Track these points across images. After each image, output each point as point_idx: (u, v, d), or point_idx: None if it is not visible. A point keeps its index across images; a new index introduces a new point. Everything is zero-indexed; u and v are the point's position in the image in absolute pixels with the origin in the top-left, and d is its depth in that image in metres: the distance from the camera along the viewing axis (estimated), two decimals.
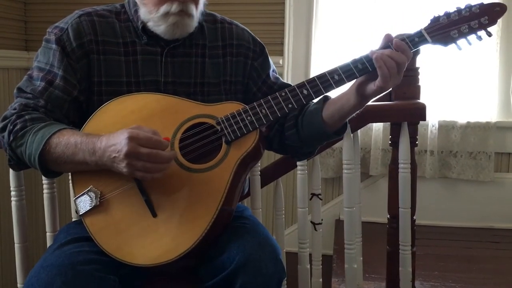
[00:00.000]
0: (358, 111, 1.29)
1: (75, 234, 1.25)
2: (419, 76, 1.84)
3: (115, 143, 1.13)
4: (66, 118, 1.28)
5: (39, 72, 1.28)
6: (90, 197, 1.21)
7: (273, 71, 1.46)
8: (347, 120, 1.31)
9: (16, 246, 1.55)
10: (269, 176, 1.88)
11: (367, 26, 2.94)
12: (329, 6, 3.00)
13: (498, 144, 2.97)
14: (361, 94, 1.24)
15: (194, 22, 1.32)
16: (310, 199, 1.82)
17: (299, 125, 1.35)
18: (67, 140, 1.17)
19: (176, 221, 1.19)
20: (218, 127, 1.25)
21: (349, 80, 1.24)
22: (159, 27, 1.29)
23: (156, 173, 1.15)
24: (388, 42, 1.22)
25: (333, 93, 1.31)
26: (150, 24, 1.30)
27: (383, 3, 2.93)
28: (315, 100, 1.32)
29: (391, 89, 1.86)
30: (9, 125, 1.22)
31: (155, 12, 1.27)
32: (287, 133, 1.37)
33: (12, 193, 1.54)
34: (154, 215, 1.19)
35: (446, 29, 1.22)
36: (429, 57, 2.78)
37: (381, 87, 1.19)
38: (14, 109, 1.25)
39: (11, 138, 1.21)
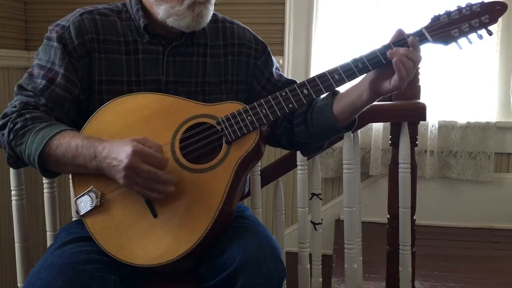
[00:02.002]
0: (369, 106, 1.29)
1: (76, 233, 1.25)
2: (419, 76, 1.84)
3: (118, 152, 1.12)
4: (66, 116, 1.28)
5: (40, 70, 1.28)
6: (91, 197, 1.20)
7: (276, 68, 1.46)
8: (357, 115, 1.31)
9: (17, 245, 1.56)
10: (269, 176, 1.88)
11: (367, 26, 2.94)
12: (329, 6, 3.00)
13: (498, 144, 2.97)
14: (374, 91, 1.24)
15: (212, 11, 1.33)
16: (310, 199, 1.82)
17: (308, 121, 1.34)
18: (68, 143, 1.17)
19: (177, 221, 1.19)
20: (219, 127, 1.25)
21: (350, 80, 1.24)
22: (183, 20, 1.28)
23: (152, 193, 1.14)
24: (400, 37, 1.22)
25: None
26: (171, 20, 1.28)
27: (383, 4, 2.93)
28: (322, 96, 1.31)
29: None
30: (9, 123, 1.21)
31: (179, 5, 1.26)
32: (296, 129, 1.37)
33: (13, 192, 1.54)
34: (155, 215, 1.19)
35: (446, 28, 1.22)
36: (429, 57, 2.78)
37: (397, 86, 1.20)
38: (14, 107, 1.24)
39: (11, 136, 1.21)
